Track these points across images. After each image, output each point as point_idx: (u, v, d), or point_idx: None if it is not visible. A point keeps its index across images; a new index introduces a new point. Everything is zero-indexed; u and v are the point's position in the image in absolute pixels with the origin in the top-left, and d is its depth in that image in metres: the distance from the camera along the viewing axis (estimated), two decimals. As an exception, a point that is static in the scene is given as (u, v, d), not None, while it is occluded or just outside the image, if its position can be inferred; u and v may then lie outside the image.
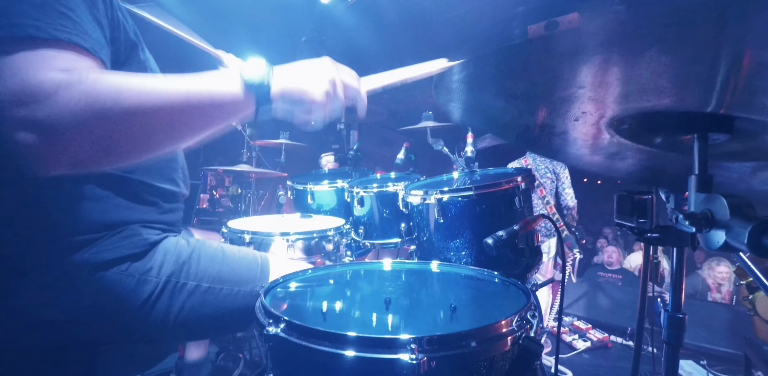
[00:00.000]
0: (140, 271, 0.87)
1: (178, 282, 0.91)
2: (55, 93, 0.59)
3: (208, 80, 0.71)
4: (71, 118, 0.59)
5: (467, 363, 0.65)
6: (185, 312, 0.91)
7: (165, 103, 0.66)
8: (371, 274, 1.13)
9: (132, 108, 0.63)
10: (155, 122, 0.67)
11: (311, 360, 0.67)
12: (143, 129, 0.66)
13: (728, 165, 0.77)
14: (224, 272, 0.98)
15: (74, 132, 0.60)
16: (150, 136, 0.68)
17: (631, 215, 0.84)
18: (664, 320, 0.81)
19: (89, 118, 0.61)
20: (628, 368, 0.98)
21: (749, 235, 0.45)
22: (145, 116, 0.65)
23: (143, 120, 0.65)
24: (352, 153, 2.44)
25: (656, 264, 2.29)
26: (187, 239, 1.01)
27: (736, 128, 0.58)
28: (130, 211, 0.89)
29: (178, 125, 0.70)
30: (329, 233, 1.50)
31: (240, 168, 2.98)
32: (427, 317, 0.87)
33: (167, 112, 0.67)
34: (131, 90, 0.64)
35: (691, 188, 0.60)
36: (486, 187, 1.30)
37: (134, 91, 0.64)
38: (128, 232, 0.88)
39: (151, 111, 0.65)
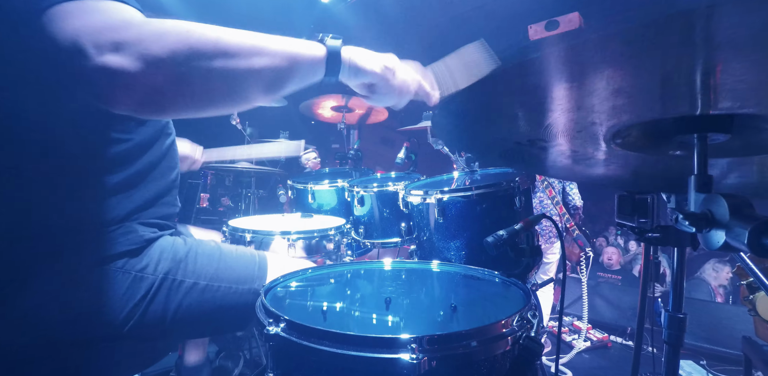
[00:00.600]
0: (136, 268, 0.87)
1: (175, 280, 0.91)
2: (147, 23, 0.63)
3: (286, 39, 0.75)
4: (161, 42, 0.62)
5: (468, 363, 0.65)
6: (182, 310, 0.91)
7: (248, 47, 0.69)
8: (371, 273, 1.13)
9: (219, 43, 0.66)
10: (235, 62, 0.68)
11: (311, 360, 0.67)
12: (223, 67, 0.68)
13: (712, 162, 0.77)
14: (221, 270, 0.98)
15: (163, 56, 0.62)
16: (226, 78, 0.69)
17: (632, 215, 0.84)
18: (664, 320, 0.81)
19: (179, 43, 0.63)
20: (628, 368, 0.98)
21: (749, 235, 0.45)
22: (228, 54, 0.67)
23: (225, 57, 0.67)
24: (352, 153, 2.44)
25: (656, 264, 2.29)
26: (184, 238, 1.01)
27: (735, 126, 0.58)
28: (127, 208, 0.89)
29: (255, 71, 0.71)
30: (330, 232, 1.50)
31: (240, 166, 2.97)
32: (428, 316, 0.87)
33: (247, 53, 0.69)
34: (216, 28, 0.68)
35: (691, 188, 0.60)
36: (486, 187, 1.30)
37: (219, 30, 0.68)
38: (124, 229, 0.88)
39: (233, 50, 0.68)
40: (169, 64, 0.63)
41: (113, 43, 0.60)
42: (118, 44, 0.60)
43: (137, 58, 0.60)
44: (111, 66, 0.59)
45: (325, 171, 2.56)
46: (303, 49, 0.76)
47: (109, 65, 0.59)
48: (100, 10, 0.63)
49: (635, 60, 0.43)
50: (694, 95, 0.49)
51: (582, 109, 0.58)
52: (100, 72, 0.59)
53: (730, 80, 0.44)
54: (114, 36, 0.60)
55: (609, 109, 0.58)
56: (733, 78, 0.43)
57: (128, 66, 0.60)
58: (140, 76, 0.61)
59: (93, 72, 0.59)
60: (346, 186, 1.94)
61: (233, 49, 0.68)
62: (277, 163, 3.33)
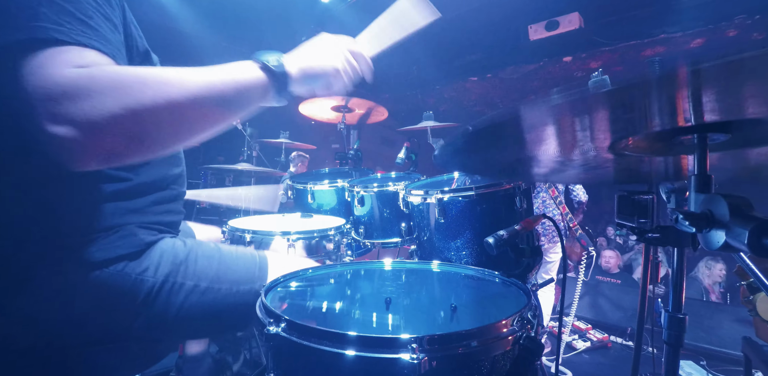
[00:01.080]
0: (136, 271, 0.87)
1: (176, 282, 0.91)
2: (82, 85, 0.61)
3: (228, 69, 0.75)
4: (100, 109, 0.61)
5: (468, 363, 0.65)
6: (184, 312, 0.91)
7: (190, 91, 0.68)
8: (372, 273, 1.13)
9: (159, 96, 0.65)
10: (182, 110, 0.68)
11: (312, 360, 0.67)
12: (171, 117, 0.68)
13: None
14: (222, 272, 0.98)
15: (105, 122, 0.61)
16: (178, 125, 0.70)
17: (632, 215, 0.84)
18: (664, 320, 0.81)
19: (118, 107, 0.62)
20: (628, 368, 0.98)
21: (749, 235, 0.45)
22: (172, 104, 0.67)
23: (170, 108, 0.67)
24: (352, 153, 2.44)
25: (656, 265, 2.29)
26: (184, 240, 1.01)
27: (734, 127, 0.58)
28: (128, 211, 0.89)
29: (205, 112, 0.71)
30: (330, 232, 1.50)
31: (240, 167, 2.98)
32: (428, 316, 0.87)
33: (193, 100, 0.69)
34: (156, 78, 0.66)
35: (691, 188, 0.60)
36: (487, 187, 1.30)
37: (159, 80, 0.67)
38: (124, 232, 0.88)
39: (178, 99, 0.67)
40: (116, 129, 0.63)
41: (58, 114, 0.60)
42: (63, 116, 0.60)
43: (85, 129, 0.61)
44: (61, 136, 0.60)
45: (325, 171, 2.56)
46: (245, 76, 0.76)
47: (60, 136, 0.60)
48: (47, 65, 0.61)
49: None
50: (687, 112, 0.50)
51: (587, 130, 0.59)
52: (52, 140, 0.60)
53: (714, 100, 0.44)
54: (57, 107, 0.60)
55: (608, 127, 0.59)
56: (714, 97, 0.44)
57: (77, 137, 0.61)
58: (91, 145, 0.62)
59: (47, 138, 0.60)
60: (346, 186, 1.94)
61: (178, 101, 0.67)
62: (277, 164, 3.34)
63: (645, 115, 0.51)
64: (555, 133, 0.60)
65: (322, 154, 5.15)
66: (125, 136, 0.64)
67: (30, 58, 0.61)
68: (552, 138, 0.62)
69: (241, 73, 0.75)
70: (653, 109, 0.48)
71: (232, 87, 0.73)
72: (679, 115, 0.50)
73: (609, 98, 0.43)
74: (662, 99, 0.43)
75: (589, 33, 4.14)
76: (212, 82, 0.71)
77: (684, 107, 0.46)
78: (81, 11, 0.67)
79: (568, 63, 4.65)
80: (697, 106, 0.45)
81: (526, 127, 0.58)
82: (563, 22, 4.04)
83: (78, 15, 0.67)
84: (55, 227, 0.81)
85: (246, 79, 0.75)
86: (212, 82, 0.71)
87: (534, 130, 0.59)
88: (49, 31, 0.63)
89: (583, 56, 4.52)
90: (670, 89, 0.40)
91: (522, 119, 0.52)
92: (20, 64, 0.61)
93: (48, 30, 0.63)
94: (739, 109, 0.49)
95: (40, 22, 0.63)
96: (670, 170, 0.87)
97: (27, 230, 0.79)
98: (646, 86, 0.37)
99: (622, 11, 4.03)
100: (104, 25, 0.71)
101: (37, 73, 0.61)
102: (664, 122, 0.54)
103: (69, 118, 0.60)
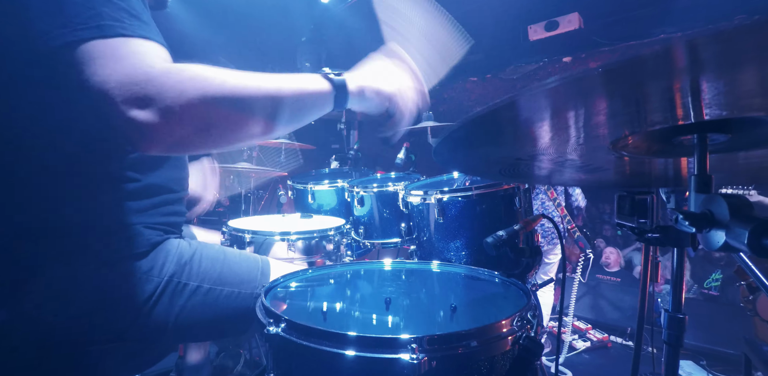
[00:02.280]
0: (142, 270, 0.88)
1: (180, 282, 0.92)
2: (168, 75, 0.66)
3: (296, 78, 0.81)
4: (182, 98, 0.66)
5: (468, 363, 0.65)
6: (186, 313, 0.91)
7: (262, 91, 0.74)
8: (371, 274, 1.13)
9: (235, 94, 0.71)
10: (252, 108, 0.74)
11: (312, 360, 0.67)
12: (241, 114, 0.73)
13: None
14: (225, 274, 0.98)
15: (182, 111, 0.66)
16: (245, 121, 0.74)
17: (631, 215, 0.84)
18: (664, 321, 0.81)
19: (197, 99, 0.67)
20: (628, 368, 0.98)
21: (749, 235, 0.45)
22: (245, 102, 0.72)
23: (242, 106, 0.72)
24: (352, 153, 2.44)
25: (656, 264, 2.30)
26: (189, 241, 1.02)
27: (734, 127, 0.58)
28: (134, 212, 0.90)
29: (270, 114, 0.76)
30: (330, 232, 1.50)
31: (240, 166, 2.97)
32: (428, 316, 0.87)
33: (263, 99, 0.74)
34: (235, 79, 0.72)
35: (691, 188, 0.60)
36: (486, 187, 1.30)
37: (237, 80, 0.72)
38: (131, 232, 0.88)
39: (250, 98, 0.73)
40: (191, 117, 0.68)
41: (139, 98, 0.64)
42: (143, 99, 0.64)
43: (162, 114, 0.65)
44: (139, 120, 0.64)
45: (325, 171, 2.56)
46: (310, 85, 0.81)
47: (137, 119, 0.64)
48: (124, 55, 0.66)
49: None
50: (686, 108, 0.49)
51: (586, 126, 0.59)
52: (129, 124, 0.65)
53: (714, 94, 0.44)
54: (139, 91, 0.64)
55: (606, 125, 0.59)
56: (716, 92, 0.44)
57: (154, 121, 0.65)
58: (165, 129, 0.67)
59: (123, 123, 0.65)
60: (346, 186, 1.94)
61: (250, 98, 0.73)
62: (278, 164, 3.34)
63: (643, 109, 0.50)
64: (553, 127, 0.59)
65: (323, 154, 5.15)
66: (195, 124, 0.69)
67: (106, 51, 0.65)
68: (550, 133, 0.62)
69: (306, 82, 0.81)
70: (651, 101, 0.47)
71: (296, 92, 0.79)
72: (678, 109, 0.50)
73: (605, 83, 0.42)
74: (660, 87, 0.43)
75: (588, 33, 4.14)
76: (281, 86, 0.77)
77: (682, 100, 0.46)
78: (133, 8, 0.72)
79: (567, 63, 4.65)
80: (696, 100, 0.45)
81: (523, 120, 0.58)
82: (563, 23, 4.04)
83: (132, 11, 0.71)
84: (61, 226, 0.81)
85: (309, 87, 0.80)
86: (281, 87, 0.77)
87: (531, 124, 0.59)
88: (115, 28, 0.67)
89: (583, 56, 4.52)
90: (667, 74, 0.39)
91: (519, 108, 0.51)
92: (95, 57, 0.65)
93: (115, 27, 0.67)
94: (739, 106, 0.48)
95: (105, 20, 0.67)
96: (669, 174, 0.87)
97: (34, 228, 0.80)
98: (641, 65, 0.37)
99: (621, 11, 4.03)
100: (150, 21, 0.75)
101: (122, 63, 0.65)
102: (663, 118, 0.54)
103: (153, 104, 0.64)
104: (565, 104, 0.50)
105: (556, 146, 0.68)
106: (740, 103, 0.48)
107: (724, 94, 0.44)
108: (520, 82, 5.27)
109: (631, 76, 0.40)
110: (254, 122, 0.75)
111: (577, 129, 0.59)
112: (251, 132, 0.77)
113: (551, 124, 0.58)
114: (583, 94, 0.47)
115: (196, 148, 0.76)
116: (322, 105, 0.83)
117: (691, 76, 0.39)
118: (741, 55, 0.34)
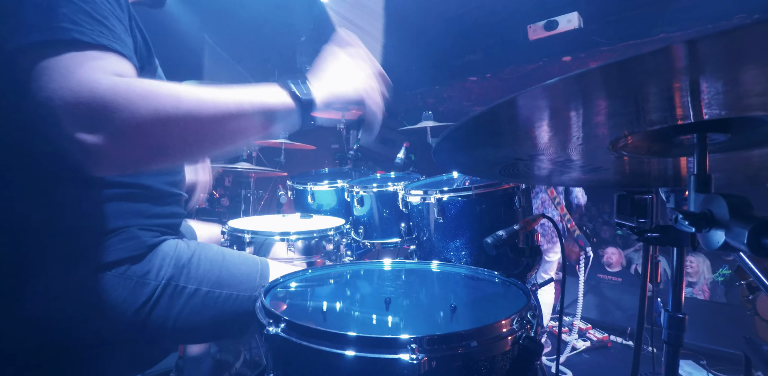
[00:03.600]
0: (138, 274, 0.87)
1: (178, 285, 0.91)
2: (115, 93, 0.60)
3: (257, 92, 0.76)
4: (132, 119, 0.61)
5: (468, 363, 0.65)
6: (185, 315, 0.91)
7: (221, 109, 0.69)
8: (371, 274, 1.13)
9: (191, 112, 0.66)
10: (210, 128, 0.69)
11: (311, 360, 0.67)
12: (198, 133, 0.69)
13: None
14: (224, 276, 0.98)
15: (135, 133, 0.62)
16: (202, 141, 0.71)
17: (631, 215, 0.84)
18: (664, 320, 0.81)
19: (150, 119, 0.62)
20: (628, 368, 0.98)
21: (749, 235, 0.45)
22: (202, 121, 0.68)
23: (199, 125, 0.68)
24: (352, 153, 2.44)
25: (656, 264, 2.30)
26: (188, 242, 1.01)
27: (734, 126, 0.58)
28: (129, 214, 0.89)
29: (230, 130, 0.72)
30: (329, 232, 1.50)
31: (240, 167, 2.97)
32: (428, 316, 0.87)
33: (222, 118, 0.70)
34: (191, 96, 0.67)
35: (691, 187, 0.60)
36: (486, 186, 1.30)
37: (193, 97, 0.67)
38: (126, 234, 0.87)
39: (208, 117, 0.68)
40: (144, 138, 0.63)
41: (86, 119, 0.59)
42: (90, 121, 0.59)
43: (111, 137, 0.60)
44: (87, 143, 0.59)
45: (324, 171, 2.56)
46: (274, 101, 0.76)
47: (85, 143, 0.59)
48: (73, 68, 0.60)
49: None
50: (686, 108, 0.49)
51: (585, 126, 0.59)
52: (76, 147, 0.59)
53: (713, 93, 0.44)
54: (85, 112, 0.59)
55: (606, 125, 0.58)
56: (716, 91, 0.44)
57: (103, 144, 0.60)
58: (116, 152, 0.62)
59: (70, 146, 0.59)
60: (346, 186, 1.94)
61: (207, 117, 0.68)
62: (278, 164, 3.33)
63: (643, 109, 0.50)
64: (552, 127, 0.59)
65: (322, 155, 5.15)
66: (148, 145, 0.65)
67: (55, 61, 0.60)
68: (550, 133, 0.62)
69: (269, 97, 0.76)
70: (651, 101, 0.47)
71: (259, 109, 0.74)
72: (678, 109, 0.50)
73: (604, 82, 0.42)
74: (660, 87, 0.43)
75: (588, 33, 4.14)
76: (242, 103, 0.72)
77: (682, 100, 0.46)
78: (97, 12, 0.67)
79: (567, 63, 4.65)
80: (695, 100, 0.45)
81: (523, 120, 0.58)
82: (562, 22, 4.03)
83: (95, 15, 0.66)
84: (56, 228, 0.81)
85: (273, 104, 0.76)
86: (242, 104, 0.72)
87: (531, 123, 0.59)
88: (71, 32, 0.62)
89: (583, 56, 4.52)
90: (667, 74, 0.39)
91: (518, 107, 0.51)
92: (43, 66, 0.60)
93: (70, 31, 0.62)
94: (738, 106, 0.48)
95: (60, 22, 0.62)
96: (669, 174, 0.87)
97: (28, 231, 0.80)
98: (641, 65, 0.37)
99: (621, 11, 4.03)
100: (118, 27, 0.71)
101: (68, 77, 0.59)
102: (662, 118, 0.54)
103: (100, 126, 0.59)
104: (565, 104, 0.50)
105: (555, 146, 0.68)
106: (740, 103, 0.48)
107: (723, 94, 0.44)
108: (520, 82, 5.27)
109: (631, 75, 0.40)
110: (213, 140, 0.72)
111: (576, 129, 0.59)
112: (209, 149, 0.74)
113: (551, 124, 0.58)
114: (583, 94, 0.47)
115: (153, 167, 0.73)
116: (285, 120, 0.79)
117: (690, 75, 0.39)
118: (741, 55, 0.34)
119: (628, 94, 0.46)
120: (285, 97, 0.78)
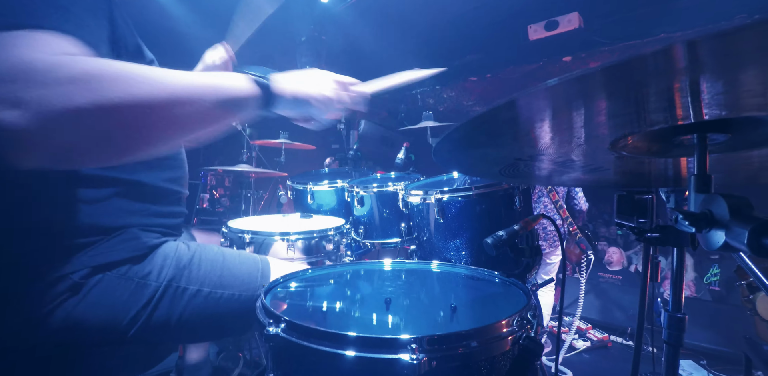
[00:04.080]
0: (139, 275, 0.87)
1: (179, 287, 0.91)
2: (50, 70, 0.54)
3: (213, 75, 0.72)
4: (66, 100, 0.54)
5: (468, 363, 0.65)
6: (186, 316, 0.91)
7: (166, 91, 0.63)
8: (371, 274, 1.13)
9: (139, 96, 0.60)
10: (160, 113, 0.63)
11: (312, 360, 0.67)
12: (141, 117, 0.61)
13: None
14: (225, 277, 0.98)
15: (66, 114, 0.54)
16: (149, 127, 0.64)
17: (631, 215, 0.84)
18: (664, 320, 0.81)
19: (84, 100, 0.55)
20: (628, 368, 0.98)
21: (749, 235, 0.45)
22: (142, 103, 0.60)
23: (148, 110, 0.61)
24: (351, 153, 2.44)
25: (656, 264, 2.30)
26: (188, 244, 1.01)
27: (734, 126, 0.58)
28: (129, 214, 0.89)
29: (182, 119, 0.67)
30: (329, 232, 1.50)
31: (240, 168, 2.98)
32: (428, 316, 0.87)
33: (167, 101, 0.63)
34: (131, 74, 0.61)
35: (691, 187, 0.60)
36: (486, 187, 1.30)
37: (134, 76, 0.61)
38: (126, 235, 0.87)
39: (151, 98, 0.61)
40: (75, 121, 0.55)
41: (11, 97, 0.52)
42: (16, 99, 0.52)
43: (38, 116, 0.53)
44: (6, 123, 0.52)
45: (324, 171, 2.56)
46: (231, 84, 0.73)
47: (5, 122, 0.52)
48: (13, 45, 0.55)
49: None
50: (686, 108, 0.49)
51: (586, 126, 0.59)
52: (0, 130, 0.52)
53: (713, 94, 0.44)
54: (12, 88, 0.52)
55: (606, 125, 0.59)
56: (716, 91, 0.44)
57: (26, 124, 0.52)
58: (43, 135, 0.54)
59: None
60: (346, 186, 1.94)
61: (150, 100, 0.61)
62: (278, 164, 3.33)
63: (643, 109, 0.51)
64: (552, 128, 0.59)
65: (322, 155, 5.15)
66: (85, 133, 0.57)
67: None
68: (550, 133, 0.62)
69: (225, 80, 0.72)
70: (651, 101, 0.47)
71: (211, 93, 0.69)
72: (678, 109, 0.50)
73: (605, 83, 0.42)
74: (660, 87, 0.43)
75: (588, 33, 4.13)
76: (192, 84, 0.67)
77: (682, 100, 0.46)
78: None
79: (567, 63, 4.65)
80: (695, 100, 0.45)
81: (523, 120, 0.58)
82: (563, 22, 4.03)
83: (57, 1, 0.63)
84: (56, 229, 0.81)
85: (228, 87, 0.72)
86: (191, 85, 0.67)
87: (531, 124, 0.59)
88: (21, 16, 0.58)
89: (583, 56, 4.52)
90: (667, 74, 0.39)
91: (519, 108, 0.51)
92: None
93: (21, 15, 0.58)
94: (738, 106, 0.48)
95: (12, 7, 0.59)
96: (669, 174, 0.87)
97: (28, 232, 0.79)
98: (641, 65, 0.37)
99: (621, 11, 4.02)
100: (84, 14, 0.67)
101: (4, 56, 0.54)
102: (663, 118, 0.54)
103: (21, 101, 0.52)
104: (565, 104, 0.50)
105: (555, 146, 0.68)
106: (740, 103, 0.48)
107: (723, 94, 0.44)
108: (520, 82, 5.27)
109: (631, 76, 0.40)
110: (161, 128, 0.65)
111: (577, 129, 0.59)
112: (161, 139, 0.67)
113: (551, 124, 0.58)
114: (583, 95, 0.47)
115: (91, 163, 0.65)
116: (242, 105, 0.75)
117: (690, 76, 0.39)
118: (741, 55, 0.34)
119: (629, 95, 0.46)
120: (242, 81, 0.75)
